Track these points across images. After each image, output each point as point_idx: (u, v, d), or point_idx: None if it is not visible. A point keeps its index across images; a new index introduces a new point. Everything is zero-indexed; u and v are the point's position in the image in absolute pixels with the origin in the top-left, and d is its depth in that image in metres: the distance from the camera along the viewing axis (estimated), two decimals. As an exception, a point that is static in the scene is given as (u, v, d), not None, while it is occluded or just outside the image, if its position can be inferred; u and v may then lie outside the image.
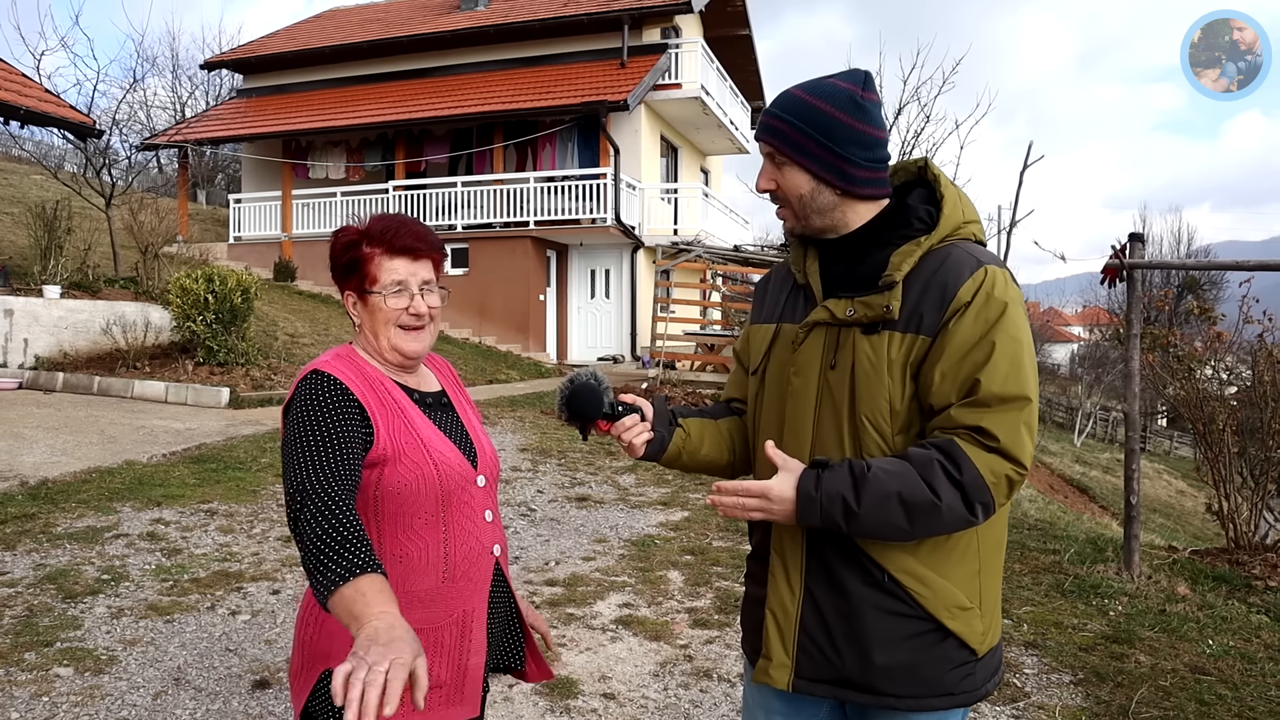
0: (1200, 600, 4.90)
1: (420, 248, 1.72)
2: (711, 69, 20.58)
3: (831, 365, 1.61)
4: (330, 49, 21.63)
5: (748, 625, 1.80)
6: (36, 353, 11.19)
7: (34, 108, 10.69)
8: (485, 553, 1.75)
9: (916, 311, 1.55)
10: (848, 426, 1.58)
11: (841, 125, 1.57)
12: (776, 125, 1.62)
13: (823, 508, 1.49)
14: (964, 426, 1.49)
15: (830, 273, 1.68)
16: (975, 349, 1.50)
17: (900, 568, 1.56)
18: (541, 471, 8.03)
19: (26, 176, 21.96)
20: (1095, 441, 32.72)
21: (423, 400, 1.77)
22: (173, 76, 36.90)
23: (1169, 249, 39.55)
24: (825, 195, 1.62)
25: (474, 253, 18.37)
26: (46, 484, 6.32)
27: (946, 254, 1.58)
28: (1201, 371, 6.31)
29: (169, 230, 14.69)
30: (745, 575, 1.85)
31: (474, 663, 1.71)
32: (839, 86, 1.60)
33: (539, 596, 4.71)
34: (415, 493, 1.64)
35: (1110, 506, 17.35)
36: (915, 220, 1.63)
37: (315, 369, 1.66)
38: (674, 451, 1.77)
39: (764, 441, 1.63)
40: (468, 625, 1.71)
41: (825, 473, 1.51)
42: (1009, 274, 1.57)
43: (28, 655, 3.69)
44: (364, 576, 1.35)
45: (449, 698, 1.68)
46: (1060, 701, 3.62)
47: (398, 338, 1.72)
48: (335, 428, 1.57)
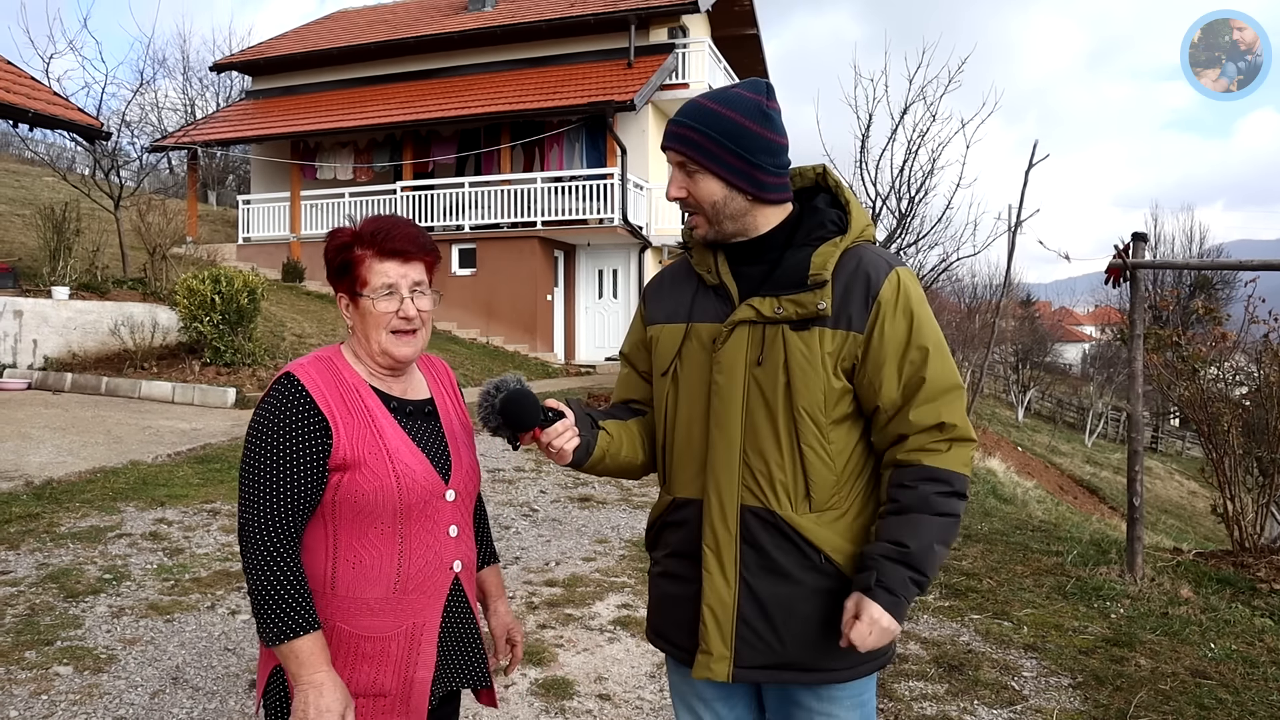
0: (1203, 603, 4.87)
1: (411, 250, 1.70)
2: (719, 69, 20.56)
3: (759, 362, 1.67)
4: (339, 50, 21.70)
5: (669, 623, 1.82)
6: (45, 353, 11.26)
7: (42, 110, 10.76)
8: (443, 568, 1.73)
9: (845, 309, 1.65)
10: (783, 419, 1.66)
11: (751, 134, 1.64)
12: (688, 135, 1.67)
13: (907, 600, 1.62)
14: (926, 427, 1.65)
15: (741, 273, 1.75)
16: (909, 349, 1.65)
17: (832, 547, 1.68)
18: (544, 472, 8.04)
19: (38, 179, 22.11)
20: (1106, 442, 32.58)
21: (400, 409, 1.75)
22: (183, 78, 37.04)
23: (1181, 248, 39.31)
24: (737, 201, 1.69)
25: (481, 253, 18.41)
26: (51, 484, 6.35)
27: (859, 255, 1.69)
28: (1206, 372, 6.27)
29: (177, 231, 14.75)
30: (657, 575, 1.87)
31: (420, 676, 1.70)
32: (746, 96, 1.67)
33: (538, 597, 4.71)
34: (372, 502, 1.64)
35: (1120, 507, 17.27)
36: (828, 223, 1.72)
37: (288, 371, 1.67)
38: (598, 455, 1.78)
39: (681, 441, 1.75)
40: (417, 638, 1.70)
41: (882, 578, 1.60)
42: (913, 274, 1.73)
43: (28, 654, 3.71)
44: (299, 639, 1.55)
45: (392, 707, 1.68)
46: (1058, 705, 3.60)
47: (388, 342, 1.70)
48: (292, 444, 1.61)
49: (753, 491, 1.68)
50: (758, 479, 1.67)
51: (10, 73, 11.15)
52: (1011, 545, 6.09)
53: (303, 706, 1.54)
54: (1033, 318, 42.60)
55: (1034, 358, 36.93)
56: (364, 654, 1.66)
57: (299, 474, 1.61)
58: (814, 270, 1.65)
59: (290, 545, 1.59)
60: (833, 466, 1.68)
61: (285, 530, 1.59)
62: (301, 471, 1.61)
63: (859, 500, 1.72)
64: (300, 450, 1.61)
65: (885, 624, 1.59)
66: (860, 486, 1.72)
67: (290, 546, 1.59)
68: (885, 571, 1.60)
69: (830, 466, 1.67)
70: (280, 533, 1.59)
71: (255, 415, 1.65)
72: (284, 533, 1.59)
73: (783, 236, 1.73)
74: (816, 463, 1.66)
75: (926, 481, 1.63)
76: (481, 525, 1.98)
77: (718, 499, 1.69)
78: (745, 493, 1.68)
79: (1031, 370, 35.06)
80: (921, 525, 1.61)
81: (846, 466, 1.70)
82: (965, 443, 1.67)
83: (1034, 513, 9.06)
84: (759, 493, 1.68)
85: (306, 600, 1.57)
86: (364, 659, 1.66)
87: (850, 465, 1.70)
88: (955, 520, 1.65)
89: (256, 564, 1.56)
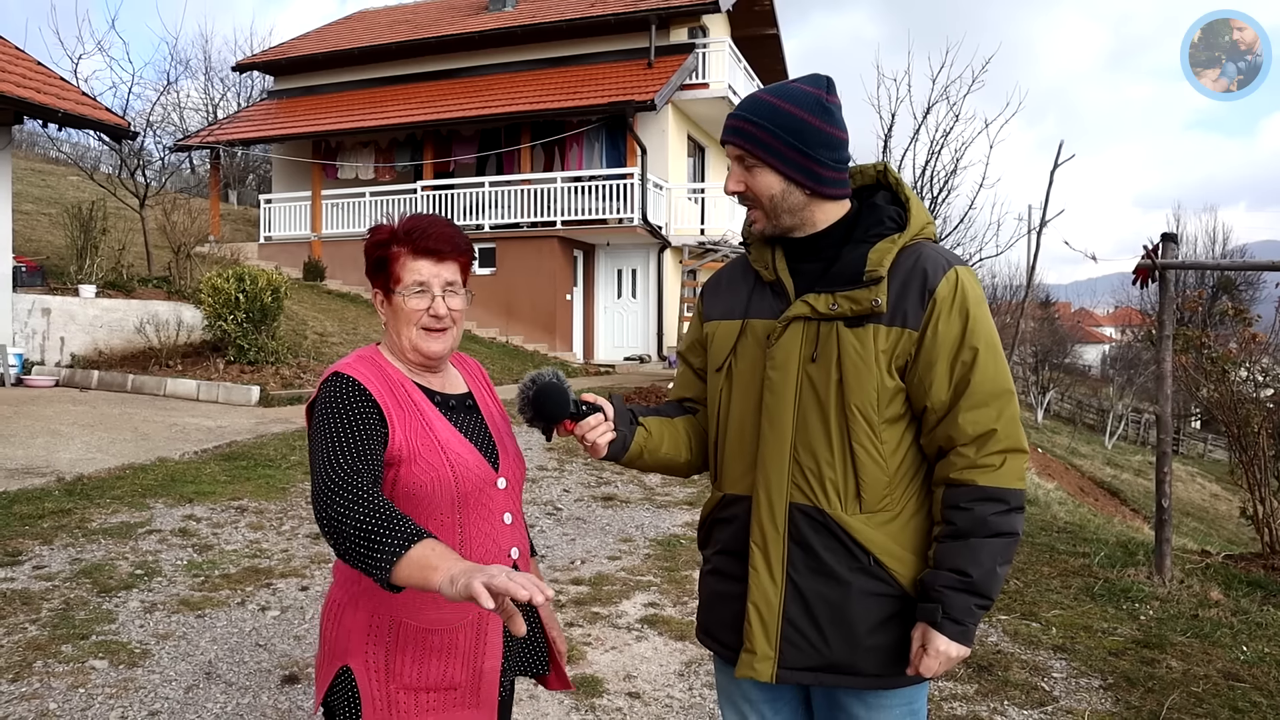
0: (1234, 606, 4.83)
1: (444, 249, 1.73)
2: (739, 68, 20.53)
3: (812, 358, 1.66)
4: (360, 50, 21.80)
5: (716, 621, 1.82)
6: (73, 351, 11.39)
7: (71, 110, 10.86)
8: (503, 555, 1.75)
9: (900, 307, 1.63)
10: (835, 417, 1.65)
11: (811, 128, 1.64)
12: (747, 128, 1.67)
13: (974, 625, 1.61)
14: (976, 436, 1.62)
15: (798, 270, 1.74)
16: (962, 349, 1.63)
17: (883, 550, 1.65)
18: (568, 471, 8.05)
19: (64, 178, 22.34)
20: (1127, 444, 32.29)
21: (444, 403, 1.77)
22: (205, 79, 37.25)
23: (1204, 249, 38.93)
24: (795, 195, 1.68)
25: (501, 252, 18.45)
26: (82, 480, 6.43)
27: (918, 252, 1.67)
28: (1236, 374, 6.21)
29: (201, 230, 14.89)
30: (707, 573, 1.87)
31: (489, 666, 1.72)
32: (805, 90, 1.66)
33: (564, 595, 4.72)
34: (430, 494, 1.65)
35: (1141, 510, 17.12)
36: (887, 220, 1.70)
37: (336, 371, 1.70)
38: (636, 450, 1.78)
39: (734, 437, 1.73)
40: (483, 628, 1.71)
41: (948, 610, 1.59)
42: (973, 272, 1.69)
43: (64, 648, 3.76)
44: (420, 543, 1.38)
45: (464, 699, 1.70)
46: (1089, 706, 3.58)
47: (419, 338, 1.73)
48: (356, 424, 1.60)
49: (802, 489, 1.67)
50: (808, 477, 1.66)
51: (40, 73, 11.26)
52: (1037, 547, 6.05)
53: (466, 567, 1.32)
54: (1052, 319, 42.29)
55: (1053, 359, 36.67)
56: (433, 647, 1.67)
57: (371, 443, 1.60)
58: (870, 266, 1.63)
59: (376, 485, 1.54)
60: (884, 467, 1.65)
61: (369, 476, 1.54)
62: (370, 444, 1.59)
63: (912, 503, 1.69)
64: (367, 427, 1.61)
65: (954, 654, 1.59)
66: (913, 489, 1.69)
67: (376, 486, 1.54)
68: (950, 603, 1.59)
69: (882, 467, 1.65)
70: (366, 478, 1.52)
71: (317, 406, 1.66)
72: (368, 478, 1.53)
73: (841, 233, 1.72)
74: (868, 462, 1.64)
75: (983, 502, 1.60)
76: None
77: (766, 496, 1.69)
78: (794, 490, 1.67)
79: (1051, 371, 34.80)
80: (983, 550, 1.59)
81: (899, 468, 1.67)
82: (1018, 454, 1.63)
83: (1057, 514, 8.99)
84: (808, 491, 1.66)
85: (411, 520, 1.44)
86: (433, 653, 1.67)
87: (903, 466, 1.68)
88: (1015, 538, 1.63)
89: (350, 504, 1.45)
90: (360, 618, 1.67)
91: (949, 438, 1.64)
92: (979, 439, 1.62)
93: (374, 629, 1.66)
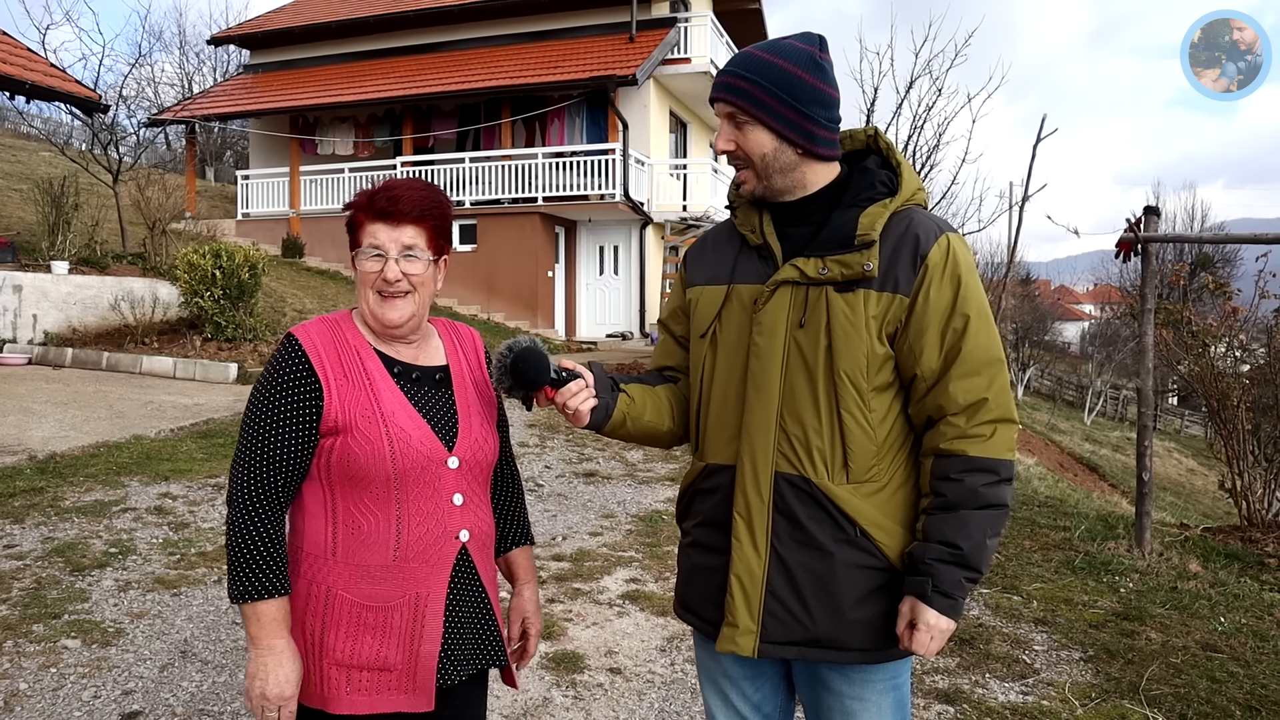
0: (1212, 578, 4.86)
1: (398, 213, 1.66)
2: (721, 43, 20.37)
3: (800, 324, 1.62)
4: (337, 24, 21.48)
5: (696, 595, 1.77)
6: (45, 328, 11.21)
7: (39, 82, 10.64)
8: (447, 536, 1.68)
9: (891, 272, 1.59)
10: (824, 383, 1.61)
11: (805, 84, 1.60)
12: (737, 84, 1.62)
13: (963, 598, 1.58)
14: (967, 405, 1.58)
15: (786, 234, 1.69)
16: (953, 316, 1.59)
17: (869, 521, 1.61)
18: (549, 447, 8.02)
19: (35, 154, 21.96)
20: (1105, 420, 32.62)
21: (405, 374, 1.71)
22: (180, 53, 36.72)
23: (1183, 225, 39.18)
24: (787, 154, 1.64)
25: (482, 229, 18.30)
26: (55, 458, 6.33)
27: (909, 217, 1.63)
28: (1216, 348, 6.24)
29: (176, 206, 14.65)
30: (687, 545, 1.82)
31: (426, 650, 1.66)
32: (799, 47, 1.62)
33: (546, 571, 4.69)
34: (365, 466, 1.61)
35: (1120, 485, 17.31)
36: (878, 184, 1.66)
37: (290, 332, 1.69)
38: (618, 418, 1.74)
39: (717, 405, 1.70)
40: (421, 609, 1.66)
41: (938, 583, 1.55)
42: (963, 239, 1.65)
43: (36, 627, 3.69)
44: (264, 602, 1.57)
45: (398, 683, 1.65)
46: (1070, 678, 3.59)
47: (375, 304, 1.68)
48: (284, 408, 1.62)
49: (788, 458, 1.62)
50: (794, 445, 1.61)
51: (6, 43, 11.02)
52: (1018, 521, 6.08)
53: (261, 671, 1.57)
54: (1032, 296, 42.53)
55: (1033, 336, 36.90)
56: (366, 624, 1.63)
57: (287, 436, 1.61)
58: (861, 230, 1.59)
59: (271, 507, 1.60)
60: (873, 436, 1.61)
61: (268, 491, 1.60)
62: (290, 434, 1.61)
63: (899, 474, 1.65)
64: (290, 412, 1.61)
65: (944, 627, 1.56)
66: (901, 460, 1.65)
67: (271, 508, 1.60)
68: (940, 576, 1.55)
69: (870, 435, 1.61)
70: (262, 493, 1.60)
71: (260, 379, 1.67)
72: (266, 493, 1.60)
73: (830, 197, 1.67)
74: (856, 430, 1.60)
75: (973, 473, 1.57)
76: (512, 502, 1.94)
77: (751, 465, 1.64)
78: (780, 459, 1.62)
79: (1031, 348, 35.02)
80: (972, 521, 1.56)
81: (887, 437, 1.63)
82: (1008, 424, 1.60)
83: (1038, 489, 9.05)
84: (794, 459, 1.61)
85: (279, 565, 1.59)
86: (366, 629, 1.63)
87: (891, 436, 1.63)
88: (1005, 510, 1.59)
89: (235, 521, 1.59)
90: (300, 585, 1.64)
91: (939, 407, 1.60)
92: (970, 408, 1.58)
93: (311, 598, 1.63)
